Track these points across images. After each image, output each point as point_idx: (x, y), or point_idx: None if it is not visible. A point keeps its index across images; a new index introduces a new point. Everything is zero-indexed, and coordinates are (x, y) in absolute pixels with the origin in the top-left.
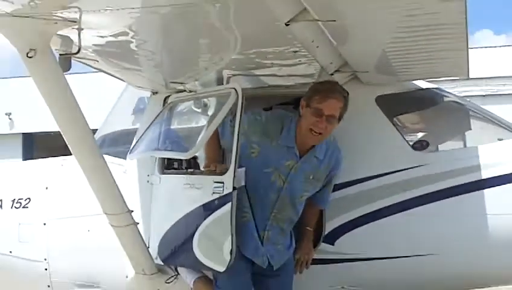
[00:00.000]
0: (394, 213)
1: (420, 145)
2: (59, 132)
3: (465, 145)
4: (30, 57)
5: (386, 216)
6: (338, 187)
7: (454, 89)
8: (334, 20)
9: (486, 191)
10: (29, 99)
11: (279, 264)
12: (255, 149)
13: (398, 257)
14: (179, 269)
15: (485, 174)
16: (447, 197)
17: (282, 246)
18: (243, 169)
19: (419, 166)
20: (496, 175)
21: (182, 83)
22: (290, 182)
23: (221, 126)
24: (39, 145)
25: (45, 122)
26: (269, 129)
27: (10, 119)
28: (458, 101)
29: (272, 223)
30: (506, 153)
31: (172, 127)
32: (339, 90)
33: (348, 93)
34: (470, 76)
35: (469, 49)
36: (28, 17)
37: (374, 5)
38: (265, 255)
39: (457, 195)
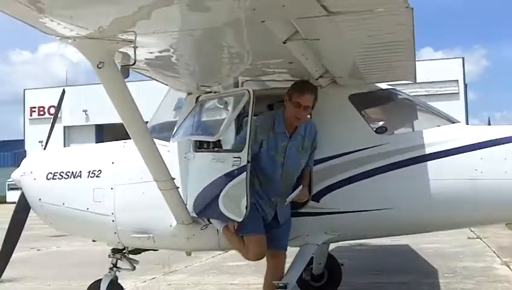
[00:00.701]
0: (363, 179)
1: (381, 130)
2: (121, 123)
3: (413, 130)
4: (100, 68)
5: (357, 181)
6: (322, 160)
7: (405, 90)
8: (318, 39)
9: (428, 162)
10: (100, 100)
11: (284, 219)
12: (264, 144)
13: (365, 211)
14: (211, 219)
15: (428, 150)
16: (401, 167)
17: (287, 207)
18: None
19: (381, 145)
20: (436, 151)
21: (209, 86)
22: (288, 157)
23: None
24: (107, 133)
25: (111, 116)
26: (266, 125)
27: (86, 114)
28: (408, 98)
29: (281, 191)
30: (443, 136)
31: (202, 118)
32: (311, 87)
33: (317, 88)
34: (417, 81)
35: (416, 61)
36: (98, 38)
37: (347, 27)
38: (271, 213)
39: (407, 165)
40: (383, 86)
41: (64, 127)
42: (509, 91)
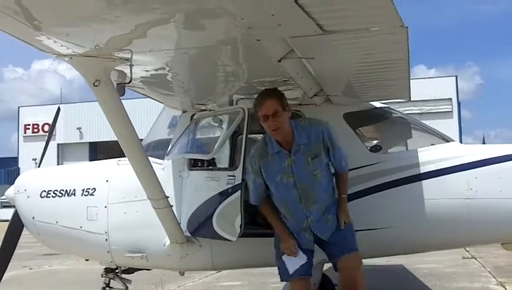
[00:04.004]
0: (358, 198)
1: (375, 149)
2: (116, 140)
3: (407, 149)
4: (96, 86)
5: (351, 200)
6: None
7: (399, 108)
8: (313, 58)
9: (423, 182)
10: (94, 117)
11: (329, 235)
12: (263, 171)
13: (359, 230)
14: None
15: (422, 169)
16: (396, 186)
17: (332, 220)
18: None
19: (375, 163)
20: (430, 170)
21: (204, 104)
22: (297, 174)
23: None
24: (101, 151)
25: (105, 133)
26: (259, 151)
27: (80, 132)
28: (402, 116)
29: (307, 210)
30: (437, 155)
31: (197, 136)
32: (267, 92)
33: (276, 88)
34: (411, 99)
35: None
36: (94, 56)
37: (342, 46)
38: (310, 239)
39: (402, 184)
40: (377, 104)
41: (58, 144)
42: (503, 109)
